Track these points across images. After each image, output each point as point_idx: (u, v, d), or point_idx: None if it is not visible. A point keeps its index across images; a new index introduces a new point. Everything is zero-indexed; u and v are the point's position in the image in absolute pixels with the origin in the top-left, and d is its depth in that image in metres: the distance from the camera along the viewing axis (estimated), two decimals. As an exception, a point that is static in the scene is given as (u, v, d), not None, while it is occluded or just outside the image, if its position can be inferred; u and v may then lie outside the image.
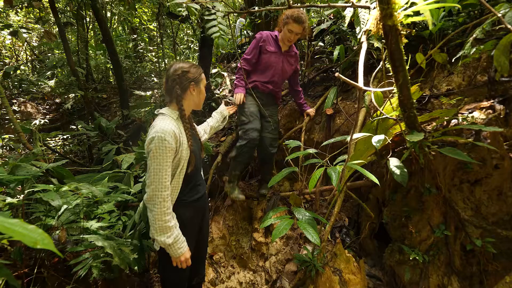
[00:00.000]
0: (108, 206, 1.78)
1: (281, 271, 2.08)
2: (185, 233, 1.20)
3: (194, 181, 1.29)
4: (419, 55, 1.61)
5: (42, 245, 0.52)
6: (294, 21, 1.84)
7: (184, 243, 1.14)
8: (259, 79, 2.11)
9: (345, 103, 2.81)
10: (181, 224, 1.20)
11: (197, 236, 1.36)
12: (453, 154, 1.30)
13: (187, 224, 1.24)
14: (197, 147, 1.31)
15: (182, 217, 1.21)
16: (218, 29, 1.80)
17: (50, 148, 3.85)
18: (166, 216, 1.08)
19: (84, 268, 1.32)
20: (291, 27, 1.87)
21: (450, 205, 1.64)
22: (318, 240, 1.30)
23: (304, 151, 1.67)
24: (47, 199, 1.17)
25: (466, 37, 2.33)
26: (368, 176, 1.35)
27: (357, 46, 2.87)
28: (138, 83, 6.09)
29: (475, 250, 1.64)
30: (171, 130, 1.09)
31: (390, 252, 1.87)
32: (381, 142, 1.41)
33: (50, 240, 0.55)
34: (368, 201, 2.25)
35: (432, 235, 1.70)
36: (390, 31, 0.96)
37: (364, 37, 0.90)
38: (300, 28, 1.87)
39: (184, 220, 1.23)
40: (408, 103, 1.19)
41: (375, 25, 0.94)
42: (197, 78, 1.21)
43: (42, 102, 6.40)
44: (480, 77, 2.11)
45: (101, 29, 3.62)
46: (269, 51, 2.03)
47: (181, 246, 1.12)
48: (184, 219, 1.22)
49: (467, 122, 1.71)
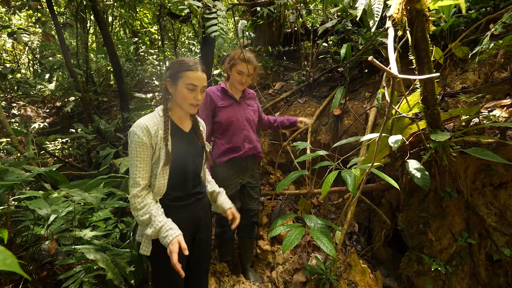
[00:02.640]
0: (104, 213, 1.66)
1: (289, 282, 1.94)
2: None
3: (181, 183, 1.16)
4: (437, 50, 1.51)
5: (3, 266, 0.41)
6: (242, 61, 1.66)
7: (169, 231, 1.02)
8: (231, 145, 1.75)
9: (353, 103, 2.70)
10: None
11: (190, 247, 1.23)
12: (481, 155, 1.18)
13: None
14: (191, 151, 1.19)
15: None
16: (218, 28, 1.70)
17: (49, 152, 3.75)
18: (137, 212, 1.04)
19: (75, 283, 1.19)
20: (240, 68, 1.67)
21: (474, 211, 1.51)
22: (334, 251, 1.18)
23: (313, 153, 1.56)
24: (33, 207, 1.05)
25: (479, 34, 2.23)
26: (388, 180, 1.23)
27: (363, 45, 2.78)
28: (139, 86, 6.03)
29: (501, 260, 1.50)
30: (144, 124, 1.05)
31: (408, 261, 1.74)
32: (398, 143, 1.30)
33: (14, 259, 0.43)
34: (381, 206, 2.12)
35: (454, 244, 1.57)
36: (416, 17, 0.86)
37: (390, 23, 0.80)
38: (250, 67, 1.66)
39: None
40: (432, 99, 1.08)
41: (399, 10, 0.83)
42: (173, 75, 1.09)
43: (42, 106, 6.34)
44: (497, 74, 2.00)
45: (101, 30, 3.55)
46: (223, 107, 1.72)
47: (165, 234, 1.01)
48: None
49: (488, 121, 1.59)
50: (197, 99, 1.09)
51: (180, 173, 1.15)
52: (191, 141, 1.20)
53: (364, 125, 2.44)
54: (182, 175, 1.16)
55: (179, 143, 1.15)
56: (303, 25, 4.02)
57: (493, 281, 1.52)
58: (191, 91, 1.07)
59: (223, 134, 1.76)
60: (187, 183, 1.18)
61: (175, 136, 1.14)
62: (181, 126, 1.19)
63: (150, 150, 1.08)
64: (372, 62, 0.56)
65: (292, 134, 2.86)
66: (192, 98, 1.08)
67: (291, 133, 2.94)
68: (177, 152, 1.12)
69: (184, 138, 1.18)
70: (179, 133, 1.17)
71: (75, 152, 4.15)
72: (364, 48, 2.58)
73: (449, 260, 1.58)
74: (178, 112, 1.17)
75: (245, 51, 1.69)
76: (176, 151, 1.12)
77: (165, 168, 1.09)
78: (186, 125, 1.21)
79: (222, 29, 1.68)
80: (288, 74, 3.75)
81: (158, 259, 1.15)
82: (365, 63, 2.85)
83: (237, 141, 1.75)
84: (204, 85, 1.10)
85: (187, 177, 1.18)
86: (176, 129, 1.17)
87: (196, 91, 1.08)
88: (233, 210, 1.25)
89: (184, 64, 1.08)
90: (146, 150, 1.07)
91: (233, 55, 1.72)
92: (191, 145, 1.20)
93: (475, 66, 2.13)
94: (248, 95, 1.88)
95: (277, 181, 2.91)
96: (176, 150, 1.12)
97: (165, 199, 1.13)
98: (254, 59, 1.71)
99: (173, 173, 1.12)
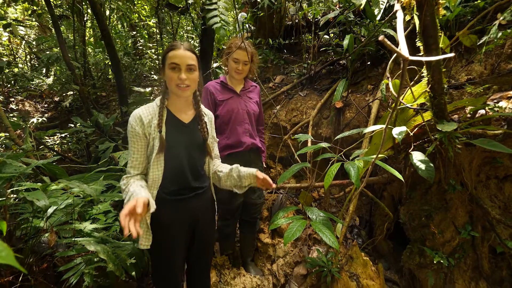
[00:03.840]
0: (104, 206, 1.64)
1: (289, 274, 1.94)
2: (165, 236, 1.10)
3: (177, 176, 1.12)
4: (444, 38, 1.46)
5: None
6: (238, 48, 1.60)
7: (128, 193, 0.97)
8: (231, 141, 1.70)
9: (355, 96, 2.66)
10: (158, 223, 1.08)
11: (187, 243, 1.21)
12: (488, 146, 1.15)
13: (165, 225, 1.10)
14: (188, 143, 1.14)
15: (159, 216, 1.07)
16: (219, 19, 1.65)
17: (47, 147, 3.72)
18: (123, 194, 1.02)
19: (76, 275, 1.18)
20: (236, 56, 1.61)
21: (478, 203, 1.50)
22: (336, 243, 1.16)
23: (314, 145, 1.53)
24: (31, 198, 1.03)
25: (486, 23, 2.18)
26: (392, 172, 1.21)
27: (366, 36, 2.73)
28: (138, 80, 5.96)
29: (505, 253, 1.49)
30: (138, 114, 1.05)
31: (409, 254, 1.73)
32: (403, 134, 1.27)
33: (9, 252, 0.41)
34: (383, 199, 2.10)
35: (457, 236, 1.56)
36: (426, 1, 0.82)
37: (399, 5, 0.76)
38: (245, 55, 1.60)
39: (162, 220, 1.09)
40: (439, 88, 1.04)
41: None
42: (162, 60, 1.07)
43: (41, 101, 6.28)
44: (504, 65, 1.96)
45: (98, 23, 3.48)
46: (222, 100, 1.68)
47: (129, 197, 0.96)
48: (162, 219, 1.09)
49: (494, 112, 1.56)
50: (181, 78, 1.02)
51: (176, 165, 1.11)
52: (189, 132, 1.16)
53: (366, 118, 2.41)
54: (178, 168, 1.12)
55: (175, 133, 1.11)
56: (304, 17, 3.95)
57: (496, 274, 1.51)
58: (174, 71, 1.02)
59: (223, 128, 1.71)
60: (184, 177, 1.14)
61: (171, 126, 1.10)
62: (180, 117, 1.14)
63: (143, 139, 1.06)
64: (383, 43, 0.53)
65: (293, 128, 2.84)
66: (176, 78, 1.03)
67: (291, 127, 2.91)
68: (172, 142, 1.09)
69: (181, 129, 1.14)
70: (177, 124, 1.13)
71: (74, 147, 4.12)
72: (367, 39, 2.53)
73: (451, 253, 1.57)
74: (177, 102, 1.13)
75: (241, 39, 1.64)
76: (171, 142, 1.08)
77: (159, 157, 1.06)
78: (186, 116, 1.16)
79: (224, 20, 1.64)
80: (289, 67, 3.70)
81: (159, 251, 1.14)
82: (367, 55, 2.80)
83: (237, 136, 1.70)
84: (188, 63, 1.03)
85: (183, 170, 1.13)
86: (173, 120, 1.13)
87: (179, 70, 1.02)
88: (260, 172, 1.15)
89: (168, 46, 1.06)
90: (139, 139, 1.05)
91: (229, 45, 1.67)
92: (188, 137, 1.15)
93: (481, 57, 2.08)
94: (250, 88, 1.82)
95: (277, 175, 2.89)
96: (171, 141, 1.08)
97: (162, 192, 1.11)
98: (249, 47, 1.66)
99: (168, 165, 1.09)
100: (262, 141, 1.92)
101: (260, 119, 1.92)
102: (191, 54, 1.05)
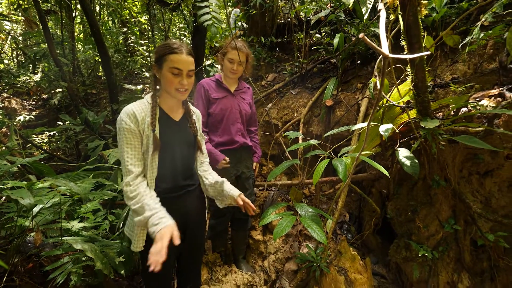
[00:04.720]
0: (93, 205, 1.62)
1: (280, 270, 1.96)
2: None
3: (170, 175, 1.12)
4: (428, 38, 1.50)
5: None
6: (233, 49, 1.62)
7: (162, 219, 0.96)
8: (224, 139, 1.72)
9: (345, 94, 2.70)
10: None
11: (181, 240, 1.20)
12: (469, 142, 1.20)
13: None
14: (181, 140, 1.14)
15: None
16: (210, 16, 1.64)
17: (35, 145, 3.63)
18: (129, 201, 0.99)
19: (63, 274, 1.17)
20: (231, 56, 1.62)
21: (460, 198, 1.55)
22: (324, 238, 1.19)
23: (305, 142, 1.55)
24: (15, 197, 1.01)
25: (470, 24, 2.24)
26: (378, 168, 1.24)
27: (356, 35, 2.77)
28: (129, 77, 5.86)
29: (485, 245, 1.55)
30: (131, 111, 1.02)
31: (396, 248, 1.78)
32: (389, 132, 1.30)
33: None
34: (371, 195, 2.15)
35: (441, 230, 1.61)
36: (408, 1, 0.84)
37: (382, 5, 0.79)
38: (241, 55, 1.61)
39: None
40: (423, 86, 1.08)
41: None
42: (158, 59, 1.04)
43: (28, 98, 6.10)
44: (486, 65, 2.03)
45: (87, 17, 3.40)
46: (216, 98, 1.69)
47: (157, 222, 0.95)
48: None
49: (476, 110, 1.62)
50: (182, 84, 1.03)
51: (169, 163, 1.11)
52: (181, 130, 1.16)
53: (356, 116, 2.45)
54: (171, 165, 1.12)
55: (167, 131, 1.10)
56: (296, 16, 3.97)
57: (477, 266, 1.57)
58: (176, 76, 1.02)
59: (216, 126, 1.73)
60: (177, 174, 1.14)
61: (163, 124, 1.10)
62: (171, 115, 1.14)
63: (139, 136, 1.04)
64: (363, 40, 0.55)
65: (284, 126, 2.86)
66: (177, 83, 1.02)
67: (283, 124, 2.93)
68: (165, 140, 1.08)
69: (173, 127, 1.14)
70: (168, 121, 1.13)
71: (63, 145, 4.03)
72: (357, 38, 2.57)
73: (435, 246, 1.63)
74: (168, 100, 1.12)
75: (236, 39, 1.65)
76: (164, 140, 1.08)
77: (154, 156, 1.06)
78: (176, 114, 1.17)
79: (215, 17, 1.63)
80: (281, 66, 3.72)
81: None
82: (357, 55, 2.85)
83: (230, 135, 1.72)
84: (190, 69, 1.04)
85: (176, 167, 1.13)
86: (165, 117, 1.12)
87: (181, 76, 1.02)
88: (243, 197, 1.17)
89: (168, 46, 1.02)
90: (135, 136, 1.03)
91: (225, 44, 1.68)
92: (180, 134, 1.15)
93: (465, 57, 2.15)
94: (243, 89, 1.85)
95: (269, 173, 2.91)
96: (164, 139, 1.08)
97: (155, 190, 1.09)
98: (245, 47, 1.67)
99: (162, 163, 1.09)
100: (256, 143, 1.95)
101: (253, 120, 1.95)
102: (192, 59, 1.05)
